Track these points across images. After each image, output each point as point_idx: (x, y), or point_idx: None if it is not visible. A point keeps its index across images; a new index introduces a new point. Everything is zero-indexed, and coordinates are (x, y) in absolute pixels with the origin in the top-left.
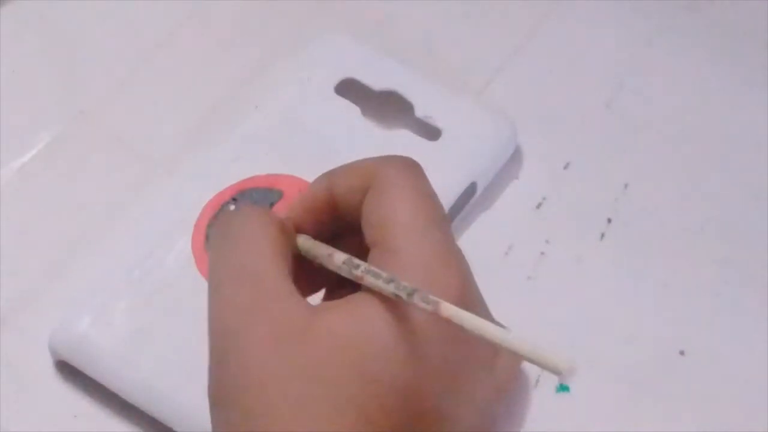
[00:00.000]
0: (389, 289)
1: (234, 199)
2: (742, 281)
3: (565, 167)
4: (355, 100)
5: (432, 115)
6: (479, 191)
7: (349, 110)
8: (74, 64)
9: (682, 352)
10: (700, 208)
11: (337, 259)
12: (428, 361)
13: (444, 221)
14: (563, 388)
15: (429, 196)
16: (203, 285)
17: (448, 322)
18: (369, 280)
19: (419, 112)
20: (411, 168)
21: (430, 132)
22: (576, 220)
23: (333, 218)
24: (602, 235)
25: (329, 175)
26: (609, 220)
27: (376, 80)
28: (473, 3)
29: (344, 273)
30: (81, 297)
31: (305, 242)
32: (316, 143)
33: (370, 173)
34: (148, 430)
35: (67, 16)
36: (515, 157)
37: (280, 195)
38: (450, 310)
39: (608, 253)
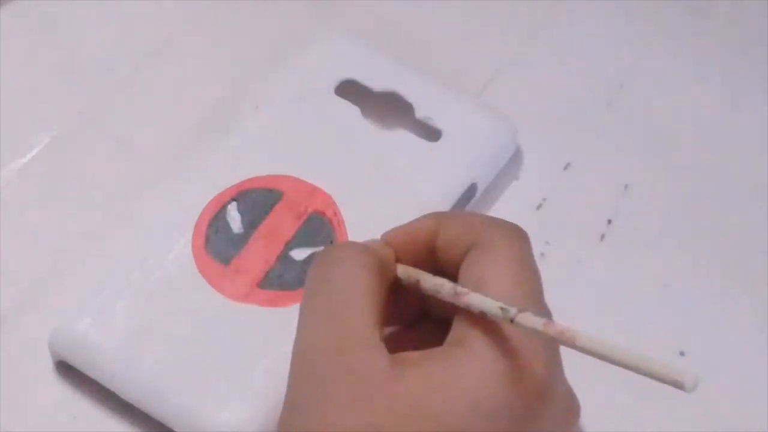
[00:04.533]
0: (494, 307)
1: (234, 200)
2: (742, 282)
3: (566, 168)
4: (355, 101)
5: (432, 116)
6: (479, 192)
7: (349, 111)
8: (74, 65)
9: (682, 353)
10: (700, 208)
11: (443, 284)
12: (503, 426)
13: (540, 297)
14: None
15: (531, 270)
16: (202, 285)
17: (557, 339)
18: (474, 299)
19: (419, 113)
20: (519, 237)
21: (430, 133)
22: (576, 221)
23: (427, 260)
24: (602, 236)
25: (439, 217)
26: (609, 221)
27: (376, 81)
28: (473, 3)
29: (447, 296)
30: (81, 297)
31: (405, 270)
32: (316, 144)
33: (477, 231)
34: (148, 431)
35: (67, 16)
36: (515, 158)
37: (280, 196)
38: (560, 326)
39: (608, 254)
